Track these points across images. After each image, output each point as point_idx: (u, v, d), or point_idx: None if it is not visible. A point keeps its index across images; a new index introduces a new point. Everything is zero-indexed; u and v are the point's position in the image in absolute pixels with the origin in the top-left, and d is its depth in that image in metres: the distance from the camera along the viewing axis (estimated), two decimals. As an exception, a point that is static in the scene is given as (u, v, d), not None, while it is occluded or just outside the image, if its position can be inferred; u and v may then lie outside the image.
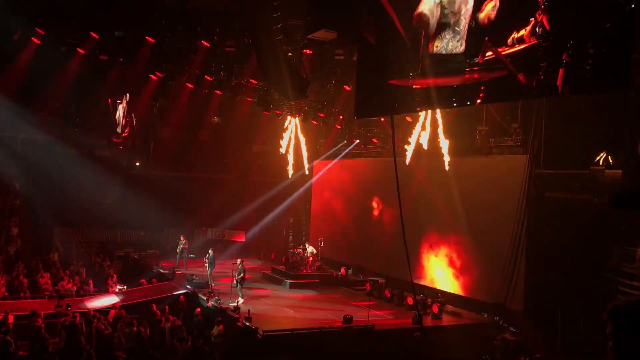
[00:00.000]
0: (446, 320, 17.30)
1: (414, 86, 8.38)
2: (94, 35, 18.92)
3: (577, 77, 6.31)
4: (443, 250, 19.90)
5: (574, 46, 6.24)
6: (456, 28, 7.40)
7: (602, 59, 6.03)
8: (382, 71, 8.93)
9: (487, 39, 7.02)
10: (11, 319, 14.63)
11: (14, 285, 19.09)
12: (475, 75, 7.27)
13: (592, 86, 6.53)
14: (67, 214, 24.46)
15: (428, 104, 9.43)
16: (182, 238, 23.34)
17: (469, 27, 7.26)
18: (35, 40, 19.60)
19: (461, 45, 7.39)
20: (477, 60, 7.16)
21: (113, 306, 16.81)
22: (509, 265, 16.91)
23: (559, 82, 6.35)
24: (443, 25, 7.54)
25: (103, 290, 20.33)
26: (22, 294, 18.76)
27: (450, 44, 7.49)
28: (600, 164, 15.24)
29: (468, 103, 8.60)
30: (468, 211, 18.74)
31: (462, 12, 7.32)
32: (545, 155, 16.68)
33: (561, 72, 6.30)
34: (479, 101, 8.08)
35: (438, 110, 17.78)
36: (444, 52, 7.59)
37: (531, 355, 14.20)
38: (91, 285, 20.35)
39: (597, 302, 14.72)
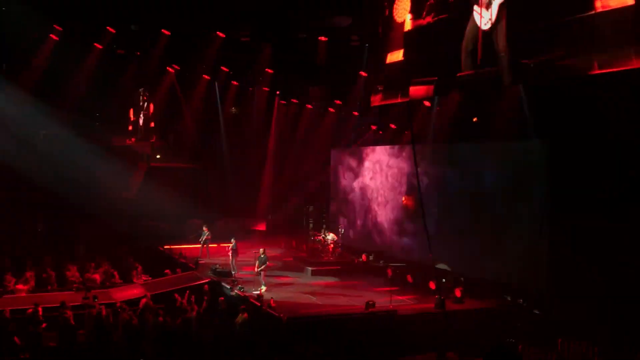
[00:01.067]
0: (469, 304, 17.26)
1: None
2: (110, 29, 19.08)
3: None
4: (465, 233, 19.80)
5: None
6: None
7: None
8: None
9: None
10: (41, 311, 14.95)
11: (42, 277, 19.47)
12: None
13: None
14: (90, 207, 24.76)
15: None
16: (204, 228, 23.54)
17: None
18: (54, 36, 19.84)
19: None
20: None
21: (145, 295, 16.99)
22: (532, 247, 16.80)
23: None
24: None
25: (128, 281, 20.62)
26: (49, 287, 19.13)
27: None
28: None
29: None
30: (490, 192, 18.63)
31: None
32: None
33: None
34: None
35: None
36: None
37: (555, 337, 14.15)
38: (117, 276, 20.65)
39: (625, 283, 14.64)
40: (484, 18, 10.84)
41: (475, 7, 11.19)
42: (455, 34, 11.49)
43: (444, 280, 18.37)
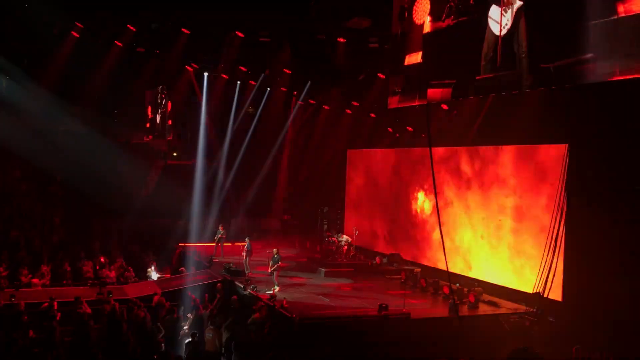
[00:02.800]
0: (483, 309, 17.13)
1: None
2: (131, 27, 19.22)
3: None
4: (479, 239, 19.69)
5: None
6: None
7: None
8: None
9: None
10: (55, 305, 15.09)
11: (58, 272, 19.67)
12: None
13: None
14: (107, 204, 24.98)
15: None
16: (220, 227, 23.62)
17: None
18: (75, 34, 20.02)
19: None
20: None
21: (155, 293, 17.12)
22: (548, 254, 16.64)
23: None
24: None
25: (143, 278, 20.77)
26: (65, 282, 19.32)
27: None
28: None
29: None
30: (506, 199, 18.54)
31: None
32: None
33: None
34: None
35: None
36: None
37: (570, 346, 13.98)
38: (132, 273, 20.80)
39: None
40: (502, 23, 10.76)
41: (491, 13, 11.13)
42: (475, 36, 11.38)
43: (457, 284, 18.26)
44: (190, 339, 13.22)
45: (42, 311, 14.95)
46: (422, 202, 22.72)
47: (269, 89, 26.02)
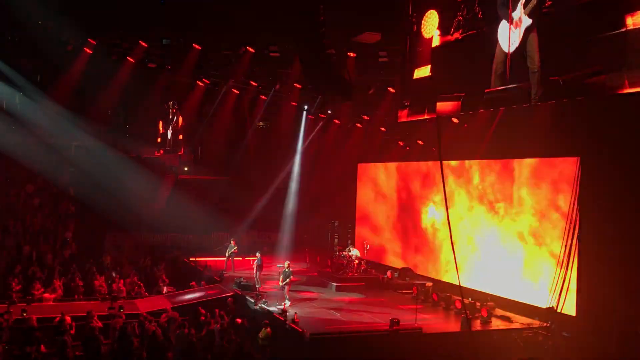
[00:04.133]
0: (495, 324, 16.97)
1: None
2: (143, 43, 19.41)
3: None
4: (492, 253, 19.56)
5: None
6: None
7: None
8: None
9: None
10: (68, 319, 15.13)
11: (70, 287, 19.75)
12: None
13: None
14: (119, 218, 25.09)
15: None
16: (232, 242, 23.61)
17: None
18: (88, 50, 20.26)
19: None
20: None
21: (165, 309, 17.13)
22: (561, 268, 16.50)
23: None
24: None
25: (154, 292, 20.79)
26: (76, 296, 19.39)
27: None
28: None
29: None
30: (518, 212, 18.45)
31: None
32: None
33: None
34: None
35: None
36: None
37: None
38: (142, 287, 20.84)
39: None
40: (510, 40, 10.80)
41: (500, 30, 11.18)
42: (484, 50, 11.40)
43: (470, 299, 18.12)
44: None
45: (54, 326, 15.00)
46: (433, 216, 22.64)
47: (279, 103, 26.15)
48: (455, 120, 20.21)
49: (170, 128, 28.94)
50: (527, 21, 10.62)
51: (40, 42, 19.76)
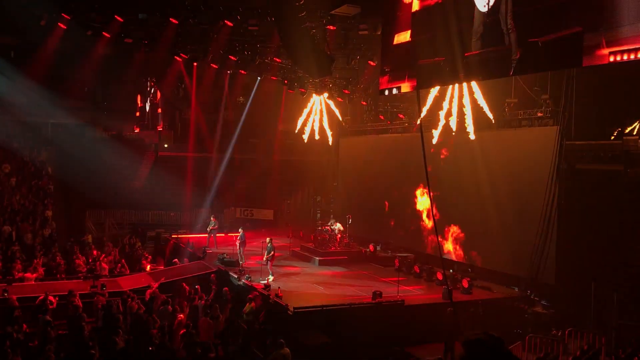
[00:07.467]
0: (476, 294, 17.23)
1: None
2: (119, 18, 18.98)
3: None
4: (473, 225, 19.76)
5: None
6: None
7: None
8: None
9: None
10: (50, 298, 15.05)
11: (51, 266, 19.59)
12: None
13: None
14: (99, 196, 24.86)
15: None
16: (212, 218, 23.57)
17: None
18: (62, 25, 19.77)
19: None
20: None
21: (149, 285, 17.10)
22: (540, 239, 16.73)
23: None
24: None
25: (137, 270, 20.72)
26: (58, 275, 19.25)
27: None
28: (634, 134, 14.92)
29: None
30: (498, 186, 18.57)
31: None
32: (576, 126, 16.36)
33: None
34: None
35: (471, 84, 17.47)
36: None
37: (563, 328, 14.11)
38: (125, 265, 20.75)
39: (631, 274, 14.58)
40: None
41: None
42: (463, 13, 11.30)
43: (451, 271, 18.35)
44: (185, 330, 13.23)
45: (36, 305, 14.91)
46: (415, 190, 22.74)
47: (259, 78, 25.88)
48: (437, 94, 20.15)
49: (148, 102, 28.57)
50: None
51: (13, 17, 19.26)
